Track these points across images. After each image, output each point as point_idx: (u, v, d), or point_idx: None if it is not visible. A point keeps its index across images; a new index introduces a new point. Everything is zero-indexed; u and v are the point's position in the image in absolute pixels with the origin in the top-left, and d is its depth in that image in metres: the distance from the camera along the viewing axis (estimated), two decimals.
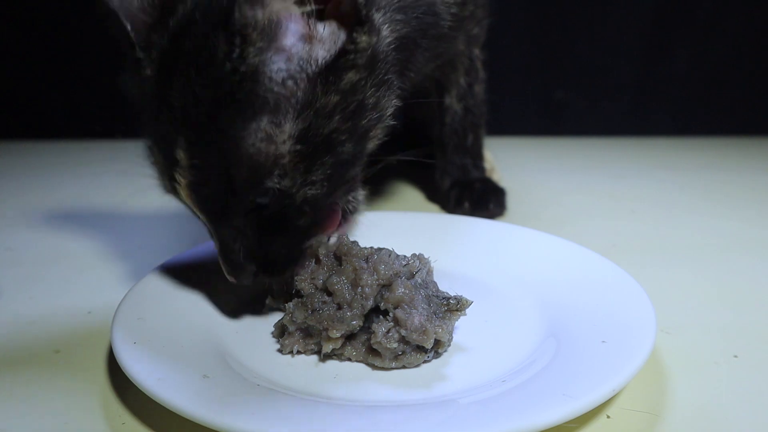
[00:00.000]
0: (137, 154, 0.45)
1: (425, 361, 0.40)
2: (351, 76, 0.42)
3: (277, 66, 0.40)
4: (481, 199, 0.74)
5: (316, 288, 0.42)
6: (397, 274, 0.42)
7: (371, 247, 0.44)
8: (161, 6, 0.42)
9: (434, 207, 0.80)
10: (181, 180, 0.41)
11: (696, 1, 1.25)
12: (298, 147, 0.40)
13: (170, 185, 0.43)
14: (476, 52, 0.74)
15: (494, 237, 0.58)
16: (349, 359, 0.41)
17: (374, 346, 0.40)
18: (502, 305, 0.48)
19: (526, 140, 1.30)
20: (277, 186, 0.41)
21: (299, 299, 0.42)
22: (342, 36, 0.42)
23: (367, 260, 0.42)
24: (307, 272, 0.43)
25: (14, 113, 1.35)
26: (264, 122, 0.39)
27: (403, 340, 0.39)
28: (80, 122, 1.33)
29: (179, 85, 0.39)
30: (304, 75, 0.40)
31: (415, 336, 0.39)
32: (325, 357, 0.41)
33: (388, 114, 0.47)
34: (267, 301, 0.47)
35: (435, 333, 0.39)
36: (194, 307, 0.46)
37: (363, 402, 0.36)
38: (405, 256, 0.45)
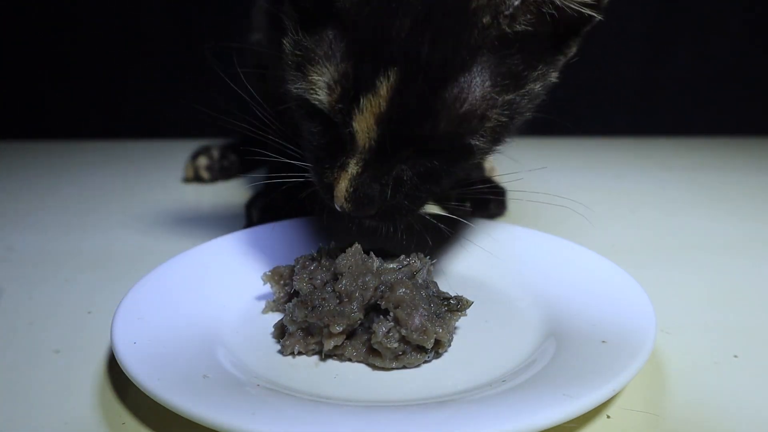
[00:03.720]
0: (138, 154, 0.45)
1: (425, 361, 0.40)
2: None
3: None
4: (481, 199, 0.74)
5: (315, 288, 0.42)
6: (397, 274, 0.42)
7: (371, 249, 0.44)
8: None
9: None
10: (368, 107, 0.39)
11: (697, 1, 1.25)
12: (504, 119, 0.42)
13: (337, 103, 0.40)
14: None
15: (494, 237, 0.58)
16: (350, 359, 0.41)
17: (374, 346, 0.40)
18: (502, 305, 0.48)
19: (526, 140, 1.30)
20: (475, 143, 0.41)
21: (298, 298, 0.42)
22: None
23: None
24: (306, 272, 0.44)
25: (14, 113, 1.34)
26: (488, 83, 0.40)
27: (403, 339, 0.39)
28: (80, 122, 1.33)
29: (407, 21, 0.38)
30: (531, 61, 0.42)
31: (415, 336, 0.39)
32: (326, 356, 0.41)
33: None
34: (265, 304, 0.47)
35: (435, 333, 0.39)
36: (194, 307, 0.46)
37: (363, 402, 0.36)
38: (405, 256, 0.45)
